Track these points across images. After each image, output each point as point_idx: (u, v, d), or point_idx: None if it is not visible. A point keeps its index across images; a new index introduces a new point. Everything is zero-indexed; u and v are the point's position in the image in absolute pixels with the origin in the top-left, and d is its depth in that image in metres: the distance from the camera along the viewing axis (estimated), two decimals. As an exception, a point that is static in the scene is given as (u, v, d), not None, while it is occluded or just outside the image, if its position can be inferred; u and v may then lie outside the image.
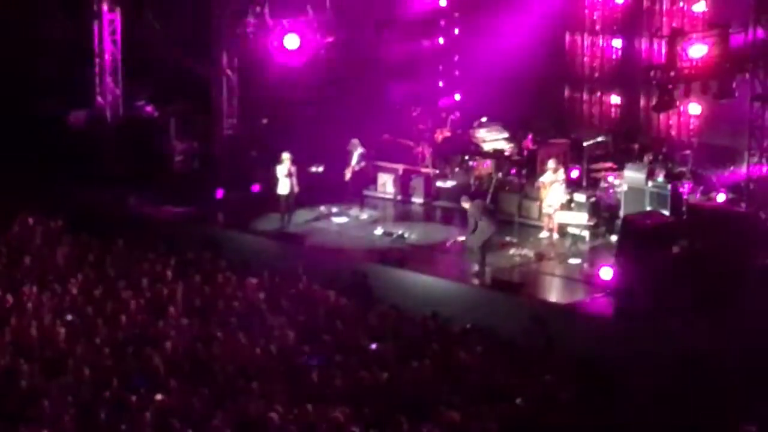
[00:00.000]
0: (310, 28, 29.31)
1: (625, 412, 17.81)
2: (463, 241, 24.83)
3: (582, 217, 25.48)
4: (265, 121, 30.83)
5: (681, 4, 27.66)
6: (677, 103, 24.93)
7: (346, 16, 30.07)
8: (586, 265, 24.27)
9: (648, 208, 25.05)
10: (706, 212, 24.70)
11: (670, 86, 24.09)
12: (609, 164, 27.37)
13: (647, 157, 26.70)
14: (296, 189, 26.63)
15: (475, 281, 23.54)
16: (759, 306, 20.88)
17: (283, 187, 26.58)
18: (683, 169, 26.66)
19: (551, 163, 26.03)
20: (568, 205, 25.83)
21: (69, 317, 21.03)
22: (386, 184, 28.99)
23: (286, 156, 26.59)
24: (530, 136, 28.54)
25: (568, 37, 30.14)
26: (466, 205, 24.38)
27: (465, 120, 30.13)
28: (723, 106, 25.73)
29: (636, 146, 27.82)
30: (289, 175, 26.54)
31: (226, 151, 29.47)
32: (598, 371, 19.40)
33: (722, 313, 20.81)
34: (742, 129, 25.01)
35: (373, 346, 20.34)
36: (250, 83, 30.27)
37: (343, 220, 27.34)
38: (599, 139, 28.08)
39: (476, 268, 23.70)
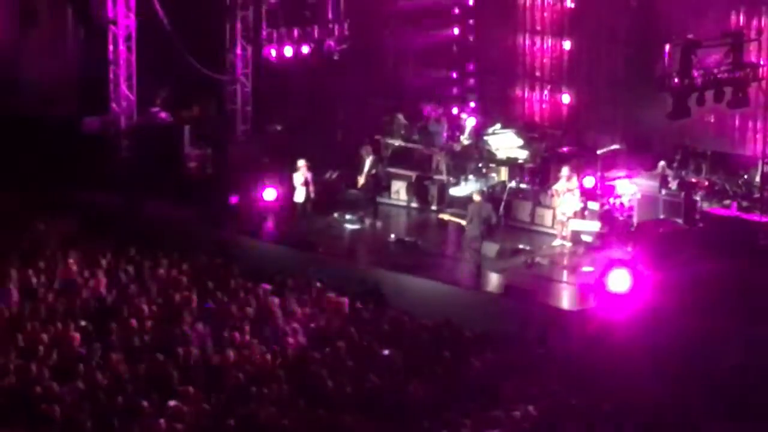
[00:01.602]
0: (323, 34, 29.37)
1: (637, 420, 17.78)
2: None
3: (595, 225, 25.45)
4: (279, 127, 30.87)
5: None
6: (691, 111, 24.88)
7: (359, 21, 30.12)
8: (598, 273, 24.22)
9: (661, 216, 25.05)
10: (720, 220, 24.66)
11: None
12: (623, 172, 27.35)
13: (661, 165, 26.69)
14: (312, 196, 26.57)
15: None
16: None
17: (300, 194, 26.51)
18: (697, 177, 26.69)
19: (565, 171, 26.02)
20: (581, 213, 25.82)
21: (82, 322, 21.07)
22: (399, 191, 28.99)
23: (301, 163, 26.55)
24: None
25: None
26: (476, 198, 24.48)
27: (479, 126, 30.20)
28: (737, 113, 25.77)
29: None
30: (306, 182, 26.48)
31: (240, 157, 29.48)
32: (607, 377, 19.37)
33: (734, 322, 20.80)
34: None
35: (386, 352, 20.35)
36: (263, 90, 30.32)
37: (356, 227, 27.35)
38: (613, 146, 28.05)
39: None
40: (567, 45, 30.46)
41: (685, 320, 20.77)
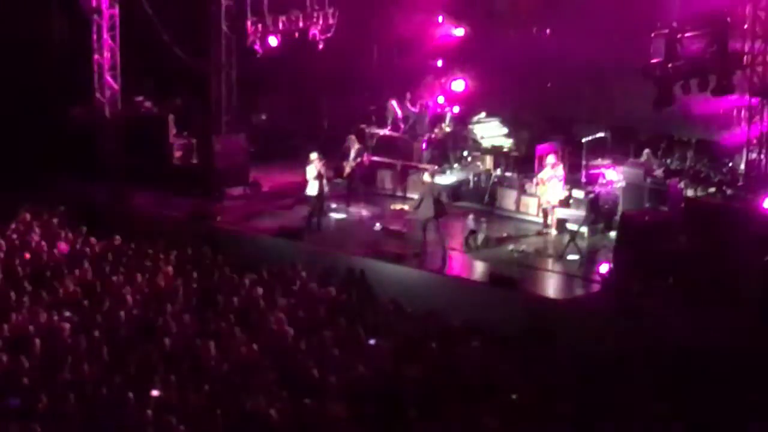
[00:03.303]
0: (308, 23, 29.30)
1: (623, 406, 17.81)
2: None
3: (580, 214, 25.48)
4: (263, 117, 30.81)
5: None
6: (676, 99, 24.89)
7: (345, 10, 30.06)
8: (584, 262, 24.27)
9: (646, 205, 25.08)
10: (705, 208, 24.69)
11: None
12: (608, 160, 27.36)
13: (646, 153, 26.71)
14: (326, 189, 26.37)
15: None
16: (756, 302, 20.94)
17: (312, 188, 26.24)
18: (682, 164, 26.73)
19: (550, 159, 26.04)
20: (566, 202, 25.85)
21: (67, 313, 21.03)
22: (385, 180, 28.98)
23: (314, 156, 26.32)
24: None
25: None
26: (426, 178, 24.68)
27: (464, 114, 30.18)
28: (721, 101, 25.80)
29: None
30: (319, 176, 26.20)
31: (225, 147, 29.41)
32: (595, 366, 19.41)
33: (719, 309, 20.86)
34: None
35: (372, 341, 20.36)
36: (248, 80, 30.26)
37: (341, 216, 27.32)
38: (598, 135, 28.06)
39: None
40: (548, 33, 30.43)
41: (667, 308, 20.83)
